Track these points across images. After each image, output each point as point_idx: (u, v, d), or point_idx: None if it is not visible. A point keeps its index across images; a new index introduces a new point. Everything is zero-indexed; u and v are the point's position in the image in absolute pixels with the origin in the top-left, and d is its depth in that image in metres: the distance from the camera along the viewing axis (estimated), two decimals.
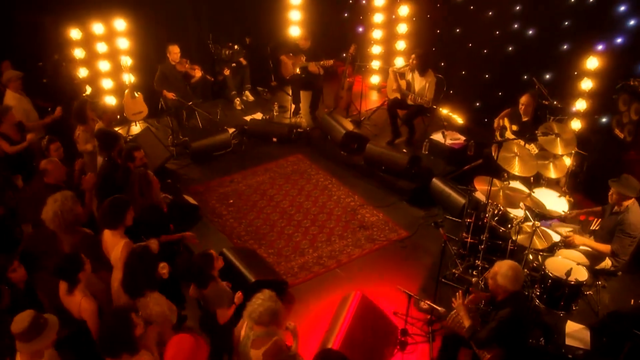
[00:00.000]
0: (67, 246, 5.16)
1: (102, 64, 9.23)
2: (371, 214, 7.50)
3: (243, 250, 6.60)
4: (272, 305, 4.16)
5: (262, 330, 4.22)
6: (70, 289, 4.47)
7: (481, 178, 5.98)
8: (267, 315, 4.12)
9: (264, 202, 7.73)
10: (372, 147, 8.10)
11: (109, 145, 6.49)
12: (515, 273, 4.39)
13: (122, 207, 4.93)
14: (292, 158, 8.77)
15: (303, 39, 9.34)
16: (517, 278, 4.40)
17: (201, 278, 4.91)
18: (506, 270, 4.40)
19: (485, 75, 9.31)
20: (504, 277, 4.39)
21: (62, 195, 5.12)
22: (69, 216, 5.08)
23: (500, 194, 5.78)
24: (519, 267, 4.47)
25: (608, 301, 6.20)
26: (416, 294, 6.10)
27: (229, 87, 10.08)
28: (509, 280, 4.38)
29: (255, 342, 4.19)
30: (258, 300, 4.18)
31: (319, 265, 6.62)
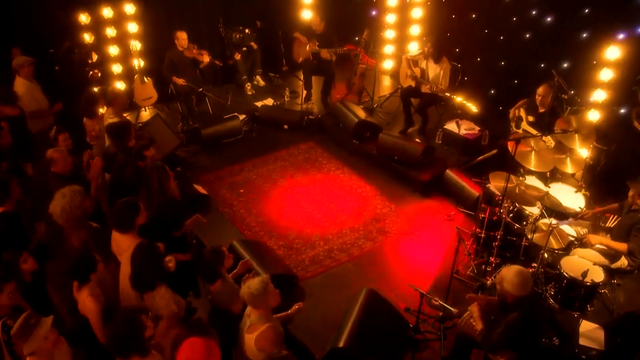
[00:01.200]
0: (76, 241, 5.12)
1: (111, 49, 9.11)
2: (383, 205, 7.41)
3: (253, 243, 6.54)
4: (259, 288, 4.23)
5: (257, 315, 4.25)
6: (79, 287, 4.46)
7: (497, 174, 5.85)
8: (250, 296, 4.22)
9: (275, 192, 7.65)
10: (385, 137, 7.97)
11: (121, 136, 6.41)
12: (521, 280, 4.29)
13: (132, 212, 4.86)
14: (303, 146, 8.67)
15: (317, 22, 9.14)
16: (524, 285, 4.30)
17: (209, 274, 4.89)
18: (512, 276, 4.31)
19: (501, 63, 9.12)
20: (510, 283, 4.31)
21: (70, 190, 5.04)
22: (77, 212, 5.01)
23: (516, 191, 5.66)
24: (526, 273, 4.36)
25: (623, 300, 6.10)
26: (429, 289, 6.06)
27: (239, 72, 9.94)
28: (515, 287, 4.29)
29: (251, 328, 4.26)
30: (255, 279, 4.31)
31: (329, 259, 6.56)
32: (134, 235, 4.90)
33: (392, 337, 5.41)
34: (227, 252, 5.03)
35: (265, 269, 5.83)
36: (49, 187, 5.56)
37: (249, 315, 4.36)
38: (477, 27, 9.21)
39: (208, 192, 7.57)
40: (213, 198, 7.52)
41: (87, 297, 4.42)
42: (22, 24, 8.10)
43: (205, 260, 4.88)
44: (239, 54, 9.78)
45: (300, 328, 5.68)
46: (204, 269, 4.91)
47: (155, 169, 5.75)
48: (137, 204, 4.90)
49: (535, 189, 5.72)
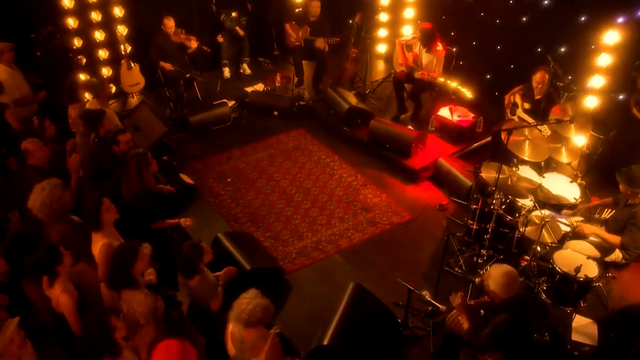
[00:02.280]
0: (56, 235, 4.95)
1: (96, 34, 8.85)
2: (374, 194, 7.22)
3: (239, 235, 6.38)
4: (261, 302, 3.99)
5: (256, 336, 4.02)
6: (50, 282, 4.30)
7: (489, 164, 5.66)
8: (258, 312, 3.94)
9: (263, 181, 7.47)
10: (376, 124, 7.75)
11: (93, 123, 6.24)
12: (507, 280, 4.12)
13: (94, 209, 4.66)
14: (293, 133, 8.46)
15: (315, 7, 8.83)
16: (510, 286, 4.13)
17: (188, 269, 4.75)
18: (499, 276, 4.14)
19: (497, 47, 8.84)
20: (496, 283, 4.14)
21: (49, 183, 4.87)
22: (57, 205, 4.85)
23: (508, 182, 5.47)
24: (513, 274, 4.19)
25: (618, 293, 5.96)
26: (418, 282, 5.91)
27: (221, 55, 9.64)
28: (500, 288, 4.12)
29: (255, 350, 3.96)
30: (244, 300, 4.00)
31: (317, 251, 6.39)
32: (103, 234, 4.70)
33: (379, 333, 5.27)
34: (207, 248, 4.88)
35: (250, 263, 5.70)
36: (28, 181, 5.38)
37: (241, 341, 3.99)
38: (472, 10, 8.93)
39: (195, 182, 7.38)
40: (200, 188, 7.33)
41: (60, 293, 4.26)
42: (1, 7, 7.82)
43: (184, 255, 4.74)
44: (222, 37, 9.49)
45: (286, 323, 5.51)
46: (183, 264, 4.78)
47: (136, 156, 5.56)
48: (100, 199, 4.69)
49: (528, 181, 5.52)
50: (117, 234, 4.96)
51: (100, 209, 4.69)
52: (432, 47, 7.69)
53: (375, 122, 7.76)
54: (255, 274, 5.71)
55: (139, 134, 7.73)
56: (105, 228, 4.78)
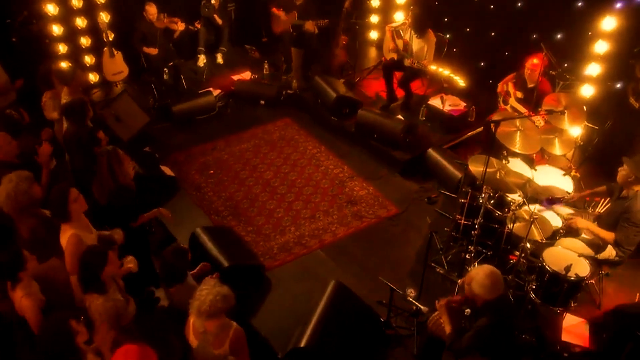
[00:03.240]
0: (24, 229, 4.73)
1: (78, 21, 8.55)
2: (360, 187, 6.97)
3: (218, 230, 6.15)
4: (220, 291, 3.80)
5: (217, 325, 3.84)
6: (12, 286, 4.09)
7: (476, 157, 5.39)
8: (219, 301, 3.75)
9: (247, 173, 7.22)
10: (363, 113, 7.49)
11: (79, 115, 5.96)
12: (492, 282, 3.86)
13: (61, 200, 4.43)
14: (280, 122, 8.20)
15: None
16: (494, 287, 3.87)
17: (172, 278, 4.50)
18: (482, 278, 3.88)
19: (491, 34, 8.56)
20: (479, 285, 3.88)
21: (17, 175, 4.64)
22: (23, 199, 4.62)
23: (497, 176, 5.21)
24: (496, 275, 3.91)
25: (612, 291, 5.73)
26: (404, 280, 5.68)
27: (198, 42, 9.35)
28: (485, 290, 3.87)
29: (217, 341, 3.84)
30: (204, 290, 3.81)
31: (300, 246, 6.16)
32: (72, 225, 4.49)
33: (360, 333, 5.05)
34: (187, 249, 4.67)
35: (229, 259, 5.48)
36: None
37: (204, 331, 3.89)
38: None
39: (177, 174, 7.15)
40: (181, 180, 7.09)
41: (21, 297, 4.05)
42: None
43: (168, 264, 4.48)
44: (200, 23, 9.20)
45: (264, 322, 5.34)
46: (167, 273, 4.52)
47: (105, 154, 5.31)
48: (67, 190, 4.46)
49: (517, 175, 5.24)
50: (88, 224, 4.78)
51: (67, 200, 4.47)
52: (423, 32, 7.40)
53: (363, 112, 7.50)
54: (234, 271, 5.49)
55: (120, 124, 7.52)
56: (74, 219, 4.57)
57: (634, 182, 5.04)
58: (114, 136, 7.30)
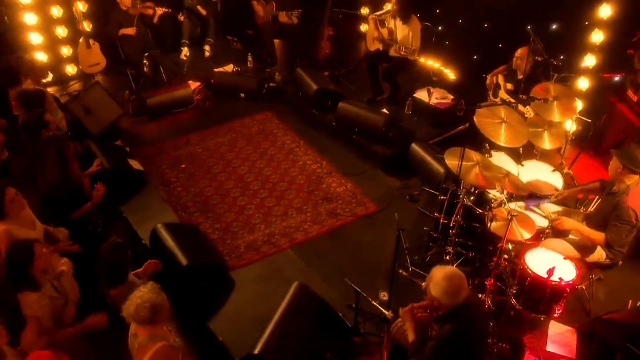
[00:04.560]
0: None
1: (53, 10, 8.22)
2: (338, 183, 6.56)
3: (181, 227, 5.76)
4: (152, 298, 3.42)
5: (146, 335, 3.44)
6: None
7: (453, 150, 4.96)
8: (145, 309, 3.38)
9: (219, 167, 6.83)
10: (344, 106, 7.07)
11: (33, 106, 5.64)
12: (449, 285, 3.42)
13: None
14: (259, 116, 7.81)
15: None
16: (452, 291, 3.43)
17: (114, 277, 4.11)
18: (439, 279, 3.45)
19: (485, 25, 8.13)
20: (437, 288, 3.45)
21: None
22: None
23: (474, 171, 4.77)
24: (457, 277, 3.47)
25: (603, 296, 5.28)
26: (376, 282, 5.26)
27: (182, 34, 8.98)
28: (443, 294, 3.44)
29: (140, 351, 3.45)
30: (137, 292, 3.45)
31: (269, 245, 5.75)
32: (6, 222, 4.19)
33: (323, 339, 4.63)
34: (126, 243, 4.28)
35: (188, 258, 5.09)
36: None
37: (135, 334, 3.55)
38: None
39: (147, 168, 6.79)
40: (151, 174, 6.72)
41: None
42: None
43: (106, 260, 4.09)
44: (183, 15, 8.84)
45: (223, 325, 4.95)
46: (107, 272, 4.13)
47: (54, 140, 4.95)
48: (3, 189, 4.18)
49: (496, 169, 4.79)
50: (30, 220, 4.57)
51: (3, 199, 4.23)
52: (407, 19, 6.99)
53: (343, 104, 7.08)
54: (193, 270, 5.12)
55: (90, 116, 7.17)
56: (11, 217, 4.32)
57: (624, 174, 4.59)
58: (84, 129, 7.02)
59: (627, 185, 4.52)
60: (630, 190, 4.50)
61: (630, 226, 4.50)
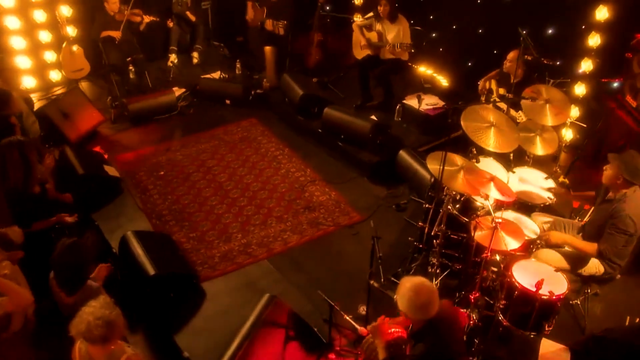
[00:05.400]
0: None
1: (36, 14, 8.02)
2: (322, 192, 6.25)
3: (152, 235, 5.48)
4: (105, 314, 3.09)
5: (103, 355, 3.11)
6: None
7: (436, 155, 4.65)
8: (98, 327, 3.05)
9: (199, 175, 6.54)
10: (330, 112, 6.79)
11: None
12: (416, 297, 3.07)
13: None
14: (244, 123, 7.53)
15: None
16: (420, 304, 3.07)
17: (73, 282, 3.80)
18: (406, 291, 3.11)
19: (479, 30, 7.86)
20: (402, 299, 3.12)
21: None
22: None
23: (459, 176, 4.46)
24: (425, 288, 3.11)
25: (600, 312, 4.93)
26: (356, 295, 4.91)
27: (170, 40, 8.75)
28: (407, 306, 3.10)
29: None
30: (87, 308, 3.11)
31: (245, 255, 5.44)
32: None
33: (296, 356, 4.29)
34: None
35: (156, 267, 4.79)
36: None
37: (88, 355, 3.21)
38: None
39: (125, 174, 6.52)
40: (128, 181, 6.44)
41: None
42: None
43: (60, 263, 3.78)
44: (172, 22, 8.63)
45: (191, 339, 4.63)
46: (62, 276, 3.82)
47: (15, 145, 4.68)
48: None
49: (481, 174, 4.46)
50: None
51: None
52: (395, 19, 6.76)
53: (329, 110, 6.80)
54: (161, 280, 4.83)
55: (68, 121, 6.95)
56: None
57: (623, 185, 4.26)
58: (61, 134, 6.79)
59: (624, 192, 4.19)
60: (627, 197, 4.16)
61: (627, 235, 4.16)
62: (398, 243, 5.57)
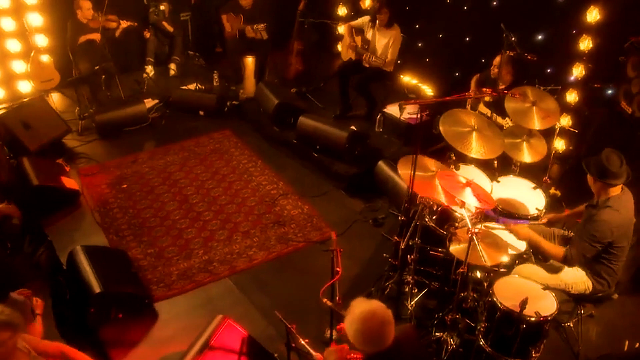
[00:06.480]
0: None
1: (5, 22, 7.67)
2: (294, 205, 5.80)
3: (104, 251, 5.02)
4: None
5: None
6: None
7: (407, 159, 4.20)
8: None
9: (164, 188, 6.10)
10: (305, 121, 6.38)
11: None
12: (362, 327, 2.59)
13: None
14: (217, 134, 7.11)
15: None
16: (367, 336, 2.58)
17: None
18: (353, 319, 2.63)
19: (466, 38, 7.48)
20: (349, 328, 2.63)
21: None
22: None
23: (433, 183, 4.01)
24: (376, 317, 2.60)
25: (595, 336, 4.45)
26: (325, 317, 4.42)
27: (147, 52, 8.39)
28: (354, 337, 2.61)
29: None
30: None
31: (205, 273, 4.97)
32: None
33: None
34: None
35: (103, 285, 4.34)
36: None
37: None
38: None
39: (86, 187, 6.11)
40: (88, 194, 6.01)
41: None
42: None
43: None
44: (149, 32, 8.28)
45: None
46: None
47: None
48: None
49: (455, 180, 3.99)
50: None
51: None
52: (391, 25, 6.44)
53: (304, 118, 6.39)
54: (108, 299, 4.36)
55: (29, 131, 6.54)
56: None
57: (602, 188, 3.80)
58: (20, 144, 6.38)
59: (608, 197, 3.74)
60: (611, 202, 3.72)
61: (598, 244, 3.71)
62: (374, 260, 5.12)
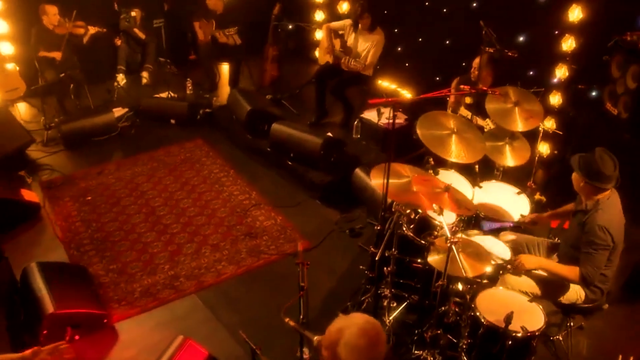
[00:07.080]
0: None
1: None
2: (267, 216, 5.50)
3: (63, 268, 4.68)
4: None
5: None
6: None
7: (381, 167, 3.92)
8: None
9: (131, 200, 5.78)
10: (278, 128, 6.09)
11: None
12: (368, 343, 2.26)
13: None
14: (189, 144, 6.81)
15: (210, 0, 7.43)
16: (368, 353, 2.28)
17: None
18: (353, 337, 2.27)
19: (446, 42, 7.27)
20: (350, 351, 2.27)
21: None
22: None
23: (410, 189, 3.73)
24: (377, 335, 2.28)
25: (586, 349, 4.18)
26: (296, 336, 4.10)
27: (118, 60, 8.09)
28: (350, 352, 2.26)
29: None
30: None
31: (170, 289, 4.64)
32: None
33: None
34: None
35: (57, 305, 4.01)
36: None
37: None
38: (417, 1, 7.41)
39: (48, 200, 5.79)
40: (49, 207, 5.68)
41: None
42: None
43: None
44: (120, 40, 7.99)
45: None
46: None
47: None
48: None
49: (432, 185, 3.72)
50: None
51: None
52: (374, 28, 6.23)
53: (277, 125, 6.10)
54: (60, 320, 4.03)
55: None
56: None
57: (590, 191, 3.54)
58: None
59: (596, 199, 3.49)
60: (600, 205, 3.46)
61: (609, 250, 3.44)
62: (350, 273, 4.83)
